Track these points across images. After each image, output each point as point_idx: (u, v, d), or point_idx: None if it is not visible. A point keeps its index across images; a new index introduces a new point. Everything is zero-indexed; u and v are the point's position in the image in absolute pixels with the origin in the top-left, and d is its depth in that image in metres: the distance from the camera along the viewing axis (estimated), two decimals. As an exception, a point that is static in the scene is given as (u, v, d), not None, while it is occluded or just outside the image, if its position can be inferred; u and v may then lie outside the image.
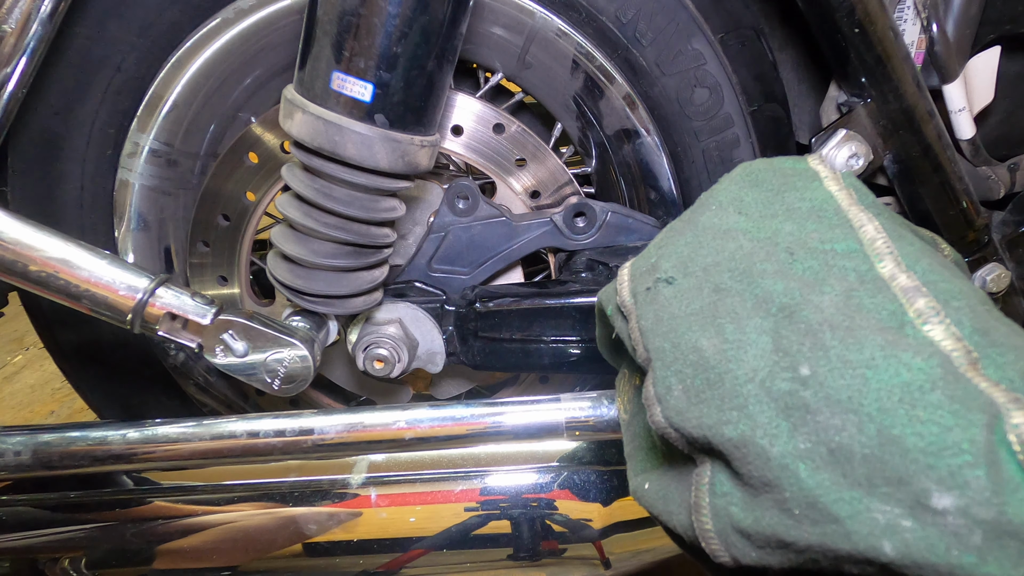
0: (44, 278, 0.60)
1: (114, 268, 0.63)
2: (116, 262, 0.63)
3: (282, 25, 0.81)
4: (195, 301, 0.65)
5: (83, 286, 0.61)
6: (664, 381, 0.41)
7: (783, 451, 0.35)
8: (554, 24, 0.81)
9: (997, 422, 0.30)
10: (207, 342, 0.67)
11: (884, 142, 0.84)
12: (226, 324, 0.66)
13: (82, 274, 0.61)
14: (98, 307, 0.62)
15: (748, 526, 0.37)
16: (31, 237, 0.61)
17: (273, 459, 0.79)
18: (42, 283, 0.61)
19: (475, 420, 0.64)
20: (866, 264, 0.40)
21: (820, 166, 0.48)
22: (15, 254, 0.60)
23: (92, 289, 0.62)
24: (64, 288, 0.61)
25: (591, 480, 0.82)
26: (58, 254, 0.61)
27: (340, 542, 0.83)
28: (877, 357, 0.34)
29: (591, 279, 0.84)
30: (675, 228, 0.50)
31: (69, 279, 0.61)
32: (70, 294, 0.61)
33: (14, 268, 0.60)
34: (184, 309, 0.65)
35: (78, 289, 0.61)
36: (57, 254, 0.61)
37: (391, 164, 0.64)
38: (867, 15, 0.74)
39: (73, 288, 0.61)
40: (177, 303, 0.64)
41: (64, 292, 0.61)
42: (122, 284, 0.62)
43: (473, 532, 0.83)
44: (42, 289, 0.61)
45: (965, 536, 0.30)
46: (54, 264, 0.61)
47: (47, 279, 0.60)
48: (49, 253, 0.61)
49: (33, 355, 2.26)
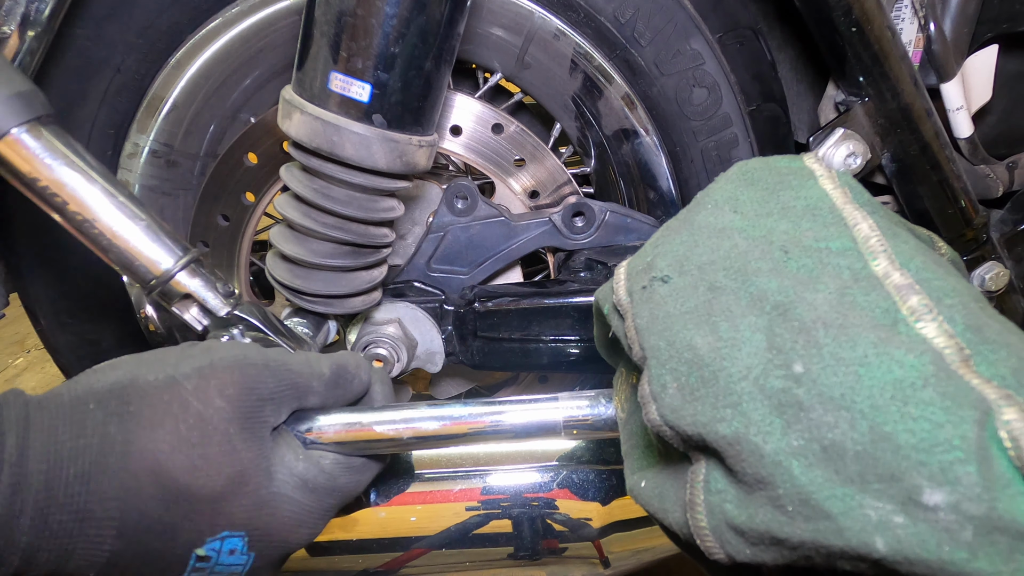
0: (80, 222, 0.59)
1: (151, 234, 0.61)
2: (154, 228, 0.62)
3: (281, 26, 0.82)
4: (218, 291, 0.66)
5: (116, 242, 0.60)
6: (659, 379, 0.42)
7: (776, 448, 0.35)
8: (553, 24, 0.81)
9: (988, 418, 0.30)
10: (214, 330, 0.67)
11: (882, 141, 0.84)
12: (238, 320, 0.67)
13: (118, 230, 0.60)
14: (124, 267, 0.61)
15: (742, 523, 0.37)
16: (76, 178, 0.58)
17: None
18: (77, 227, 0.59)
19: (473, 419, 0.64)
20: (860, 262, 0.40)
21: (815, 165, 0.48)
22: (57, 186, 0.57)
23: (123, 248, 0.60)
24: (96, 239, 0.60)
25: (590, 479, 0.82)
26: (99, 203, 0.59)
27: (340, 541, 0.83)
28: (870, 354, 0.34)
29: (590, 279, 0.84)
30: (671, 227, 0.50)
31: (104, 231, 0.59)
32: (101, 246, 0.60)
33: (52, 200, 0.58)
34: (204, 297, 0.65)
35: (110, 243, 0.60)
36: (98, 202, 0.59)
37: (389, 164, 0.64)
38: (864, 14, 0.74)
39: (105, 241, 0.60)
40: (200, 289, 0.64)
41: (96, 242, 0.60)
42: (154, 252, 0.61)
43: (473, 531, 0.83)
44: (76, 232, 0.60)
45: (956, 532, 0.30)
46: (92, 212, 0.59)
47: (82, 224, 0.59)
48: (89, 198, 0.58)
49: (35, 357, 2.27)
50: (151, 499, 0.55)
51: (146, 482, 0.54)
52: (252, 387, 0.59)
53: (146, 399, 0.56)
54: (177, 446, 0.55)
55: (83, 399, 0.55)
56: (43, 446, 0.51)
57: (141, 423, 0.55)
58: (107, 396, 0.55)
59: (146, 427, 0.55)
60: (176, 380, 0.57)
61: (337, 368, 0.65)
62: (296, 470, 0.62)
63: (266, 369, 0.60)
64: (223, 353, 0.59)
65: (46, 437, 0.52)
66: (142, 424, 0.55)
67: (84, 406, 0.54)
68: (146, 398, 0.56)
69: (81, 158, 0.58)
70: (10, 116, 0.54)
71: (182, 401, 0.56)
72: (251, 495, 0.59)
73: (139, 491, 0.54)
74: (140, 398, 0.56)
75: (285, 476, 0.62)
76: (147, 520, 0.55)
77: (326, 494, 0.66)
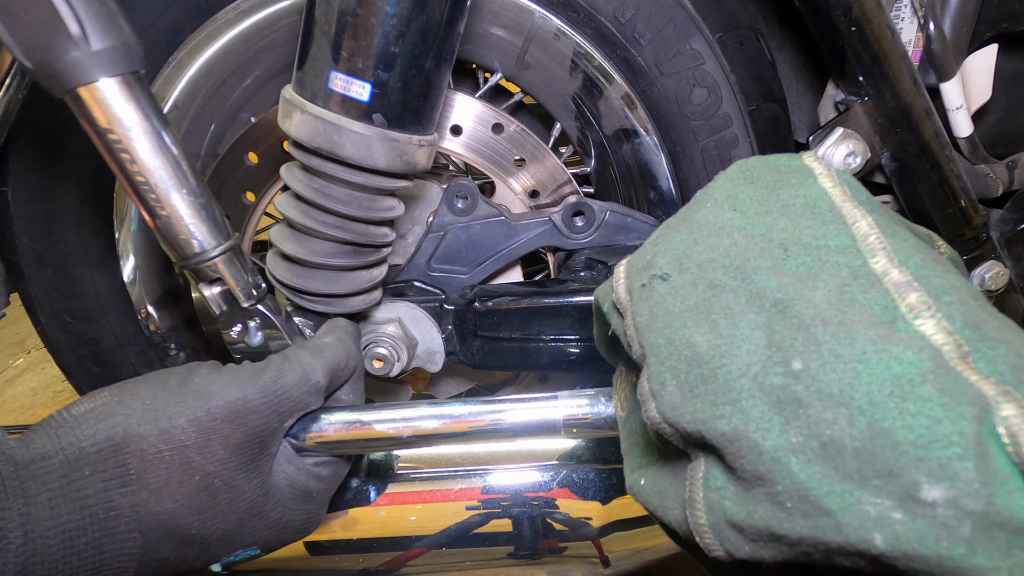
0: (138, 183, 0.59)
1: (203, 212, 0.61)
2: (208, 208, 0.62)
3: (281, 26, 0.82)
4: (248, 283, 0.66)
5: (165, 211, 0.60)
6: (659, 377, 0.42)
7: (775, 445, 0.35)
8: (553, 24, 0.81)
9: (986, 415, 0.31)
10: (231, 317, 0.67)
11: (882, 140, 0.84)
12: (257, 314, 0.67)
13: (173, 200, 0.60)
14: (166, 237, 0.62)
15: (741, 520, 0.38)
16: (147, 140, 0.58)
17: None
18: (133, 186, 0.59)
19: (473, 418, 0.65)
20: (859, 260, 0.40)
21: (815, 163, 0.48)
22: (126, 142, 0.57)
23: (171, 219, 0.60)
24: (148, 202, 0.60)
25: (590, 478, 0.83)
26: (162, 169, 0.59)
27: (340, 540, 0.83)
28: (868, 351, 0.34)
29: (590, 278, 0.84)
30: (671, 225, 0.50)
31: (158, 197, 0.59)
32: (150, 210, 0.60)
33: (117, 154, 0.58)
34: (233, 285, 0.65)
35: (160, 211, 0.60)
36: (161, 169, 0.59)
37: (389, 163, 0.64)
38: (864, 13, 0.74)
39: (156, 208, 0.60)
40: (232, 277, 0.65)
41: (146, 205, 0.60)
42: (199, 231, 0.62)
43: (473, 530, 0.83)
44: (130, 190, 0.60)
45: (954, 527, 0.30)
46: (154, 176, 0.59)
47: (139, 184, 0.59)
48: (154, 162, 0.58)
49: (35, 358, 2.27)
50: (165, 549, 0.56)
51: (159, 538, 0.55)
52: (256, 432, 0.59)
53: (146, 460, 0.55)
54: (185, 503, 0.55)
55: (75, 463, 0.53)
56: (48, 522, 0.50)
57: (145, 486, 0.54)
58: (101, 458, 0.54)
59: (152, 491, 0.54)
60: (173, 434, 0.55)
61: (332, 372, 0.65)
62: (298, 483, 0.63)
63: (266, 407, 0.59)
64: (220, 400, 0.57)
65: (48, 511, 0.51)
66: (146, 487, 0.54)
67: (79, 473, 0.53)
68: (146, 459, 0.55)
69: (158, 121, 0.58)
70: (103, 65, 0.54)
71: (184, 459, 0.56)
72: (261, 521, 0.60)
73: (153, 546, 0.55)
74: (139, 459, 0.54)
75: (288, 491, 0.63)
76: (163, 562, 0.56)
77: (323, 494, 0.67)
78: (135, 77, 0.56)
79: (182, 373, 0.61)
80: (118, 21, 0.55)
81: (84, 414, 0.56)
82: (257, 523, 0.60)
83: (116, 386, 0.60)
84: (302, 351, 0.64)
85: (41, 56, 0.52)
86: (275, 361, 0.63)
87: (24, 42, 0.52)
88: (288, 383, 0.61)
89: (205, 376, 0.60)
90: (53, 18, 0.51)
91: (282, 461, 0.62)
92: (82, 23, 0.52)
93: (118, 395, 0.58)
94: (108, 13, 0.53)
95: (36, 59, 0.52)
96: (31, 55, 0.52)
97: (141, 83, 0.57)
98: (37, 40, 0.51)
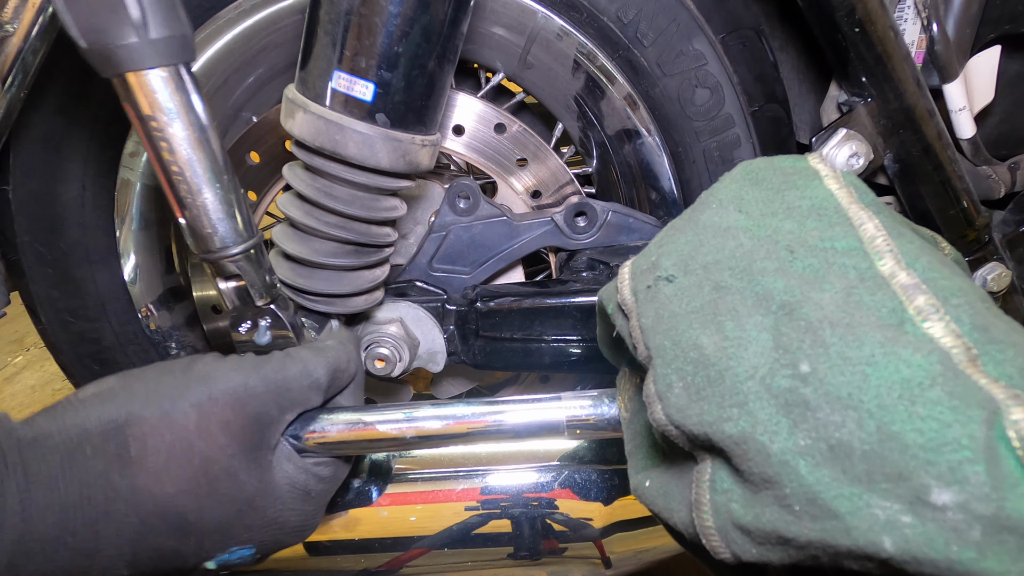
0: (171, 171, 0.58)
1: (231, 209, 0.61)
2: (237, 206, 0.62)
3: (284, 24, 0.82)
4: (264, 282, 0.66)
5: (194, 204, 0.60)
6: (665, 379, 0.42)
7: (783, 448, 0.35)
8: (555, 24, 0.81)
9: (996, 418, 0.30)
10: (241, 313, 0.67)
11: (884, 141, 0.84)
12: (269, 313, 0.67)
13: (204, 194, 0.60)
14: (191, 228, 0.61)
15: (748, 522, 0.37)
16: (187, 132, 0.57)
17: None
18: (166, 174, 0.59)
19: (476, 419, 0.64)
20: (866, 262, 0.40)
21: (820, 164, 0.48)
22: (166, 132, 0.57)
23: (199, 212, 0.60)
24: (179, 192, 0.59)
25: (592, 479, 0.82)
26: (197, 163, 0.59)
27: (341, 541, 0.83)
28: (877, 354, 0.34)
29: (592, 278, 0.84)
30: (676, 226, 0.50)
31: (189, 189, 0.59)
32: (179, 199, 0.60)
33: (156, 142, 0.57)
34: (250, 283, 0.65)
35: (189, 203, 0.60)
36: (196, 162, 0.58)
37: (392, 163, 0.64)
38: (867, 15, 0.74)
39: (186, 199, 0.60)
40: (250, 275, 0.64)
41: (176, 195, 0.60)
42: (224, 227, 0.61)
43: (474, 531, 0.83)
44: (162, 177, 0.60)
45: (964, 531, 0.30)
46: (188, 168, 0.58)
47: (172, 174, 0.58)
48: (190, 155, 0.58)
49: (34, 356, 2.26)
50: (161, 535, 0.55)
51: (155, 523, 0.55)
52: (255, 418, 0.59)
53: (147, 442, 0.55)
54: (184, 488, 0.55)
55: (77, 442, 0.53)
56: (46, 499, 0.50)
57: (145, 468, 0.54)
58: (103, 439, 0.54)
59: (151, 472, 0.54)
60: (175, 418, 0.56)
61: (333, 371, 0.65)
62: (297, 482, 0.63)
63: (267, 394, 0.59)
64: (222, 385, 0.58)
65: (47, 489, 0.51)
66: (146, 469, 0.54)
67: (80, 451, 0.53)
68: (146, 440, 0.55)
69: (201, 115, 0.58)
70: (159, 54, 0.53)
71: (185, 442, 0.56)
72: (258, 516, 0.60)
73: (149, 531, 0.55)
74: (140, 441, 0.55)
75: (287, 490, 0.62)
76: (158, 551, 0.56)
77: (322, 495, 0.67)
78: (186, 68, 0.56)
79: (186, 361, 0.62)
80: (177, 11, 0.54)
81: (90, 397, 0.57)
82: (254, 518, 0.60)
83: (122, 373, 0.60)
84: (304, 349, 0.65)
85: (97, 38, 0.51)
86: (277, 355, 0.63)
87: (83, 22, 0.51)
88: (289, 375, 0.61)
89: (209, 363, 0.61)
90: (116, 2, 0.50)
91: (282, 459, 0.62)
92: (144, 9, 0.51)
93: (123, 380, 0.59)
94: (170, 2, 0.53)
95: (91, 39, 0.51)
96: (87, 35, 0.51)
97: (190, 74, 0.57)
98: (97, 22, 0.51)
